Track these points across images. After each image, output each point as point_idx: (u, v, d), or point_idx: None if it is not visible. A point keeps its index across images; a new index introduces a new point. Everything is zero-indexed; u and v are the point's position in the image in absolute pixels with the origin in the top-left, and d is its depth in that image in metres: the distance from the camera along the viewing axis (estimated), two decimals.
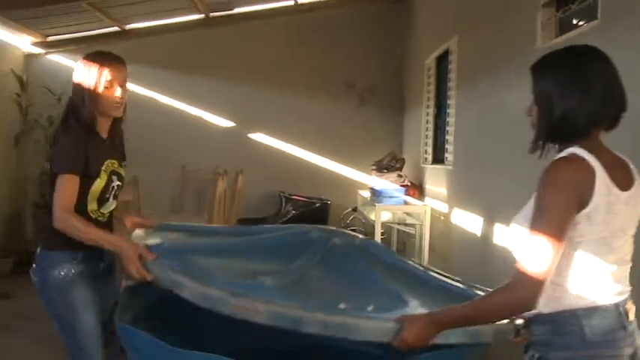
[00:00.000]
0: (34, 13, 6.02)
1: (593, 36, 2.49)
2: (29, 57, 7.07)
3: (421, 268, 2.36)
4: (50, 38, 7.07)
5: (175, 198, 6.62)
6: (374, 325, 1.63)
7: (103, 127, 2.39)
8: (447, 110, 5.09)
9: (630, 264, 1.58)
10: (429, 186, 5.72)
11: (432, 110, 5.85)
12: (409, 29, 7.10)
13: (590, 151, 1.48)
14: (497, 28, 3.78)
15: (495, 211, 3.67)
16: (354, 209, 6.75)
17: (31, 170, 6.70)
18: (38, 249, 2.39)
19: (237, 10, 7.12)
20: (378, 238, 4.74)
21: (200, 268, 1.92)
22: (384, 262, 2.24)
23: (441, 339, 1.63)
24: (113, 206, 2.45)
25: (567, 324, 1.50)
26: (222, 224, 4.54)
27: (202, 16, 7.04)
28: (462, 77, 4.67)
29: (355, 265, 2.11)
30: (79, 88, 2.29)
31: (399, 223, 5.62)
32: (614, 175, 1.48)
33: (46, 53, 7.16)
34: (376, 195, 5.33)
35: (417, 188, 5.87)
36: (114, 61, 2.33)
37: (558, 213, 1.45)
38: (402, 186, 5.61)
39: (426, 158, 5.95)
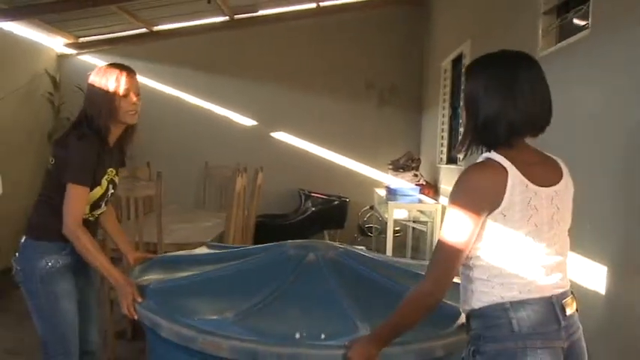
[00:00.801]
0: (67, 16, 6.28)
1: (584, 43, 2.63)
2: (62, 57, 7.36)
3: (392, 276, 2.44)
4: (82, 39, 7.34)
5: (198, 194, 6.85)
6: (324, 353, 1.80)
7: (114, 136, 2.44)
8: (460, 112, 5.23)
9: (566, 257, 1.63)
10: (443, 185, 5.85)
11: (447, 111, 5.98)
12: (427, 32, 7.23)
13: (506, 153, 1.56)
14: (504, 33, 3.90)
15: None
16: (371, 207, 6.90)
17: None
18: (23, 238, 2.41)
19: (260, 13, 7.30)
20: (389, 235, 4.88)
21: (177, 307, 2.12)
22: (355, 274, 2.37)
23: None
24: (103, 210, 2.53)
25: (496, 317, 1.56)
26: (241, 220, 4.72)
27: (227, 18, 7.23)
28: None
29: (323, 283, 2.24)
30: (95, 99, 2.33)
31: (414, 221, 5.76)
32: (533, 174, 1.55)
33: (78, 54, 7.43)
34: (391, 193, 5.47)
35: (432, 187, 6.00)
36: (128, 70, 2.40)
37: (462, 216, 1.53)
38: (417, 185, 5.74)
39: (441, 158, 6.08)
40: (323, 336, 1.89)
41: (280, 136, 7.57)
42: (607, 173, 2.40)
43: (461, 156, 1.68)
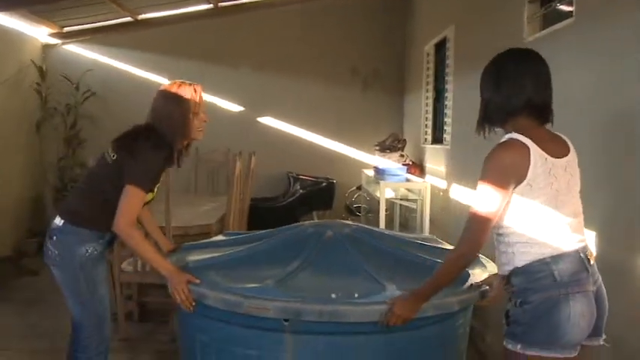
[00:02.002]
0: (52, 6, 6.29)
1: (568, 31, 2.84)
2: (46, 47, 7.37)
3: (400, 247, 2.75)
4: (66, 29, 7.36)
5: (189, 179, 6.97)
6: (359, 309, 2.05)
7: (177, 148, 2.50)
8: (445, 94, 5.43)
9: (582, 217, 1.95)
10: (429, 164, 6.07)
11: (431, 94, 6.18)
12: (411, 17, 7.41)
13: (524, 133, 1.85)
14: (489, 20, 4.10)
15: None
16: (359, 187, 7.11)
17: (51, 155, 7.09)
18: (61, 222, 2.43)
19: (244, 0, 7.40)
20: (382, 213, 5.09)
21: (217, 280, 2.34)
22: (370, 246, 2.64)
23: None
24: None
25: (539, 271, 1.84)
26: (239, 204, 4.88)
27: (211, 5, 7.31)
28: (459, 64, 5.00)
29: (345, 254, 2.50)
30: (171, 118, 2.40)
31: (401, 199, 5.97)
32: (549, 148, 1.86)
33: (63, 43, 7.46)
34: (380, 173, 5.66)
35: (417, 167, 6.22)
36: (198, 89, 2.47)
37: (493, 189, 1.82)
38: (403, 165, 5.94)
39: (425, 139, 6.29)
40: (356, 295, 2.12)
41: (268, 121, 7.73)
42: (592, 151, 2.62)
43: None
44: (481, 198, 1.85)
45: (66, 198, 2.56)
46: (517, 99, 1.89)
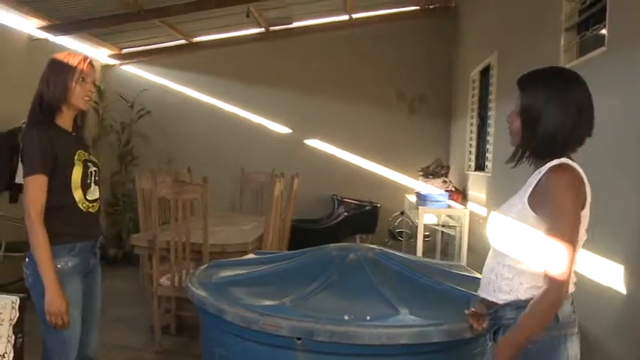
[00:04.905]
0: (113, 30, 6.64)
1: (601, 59, 2.82)
2: (105, 68, 7.73)
3: (422, 273, 2.72)
4: (125, 50, 7.70)
5: (234, 198, 7.12)
6: (369, 331, 2.06)
7: (68, 121, 2.45)
8: (488, 121, 5.40)
9: None
10: (471, 192, 6.01)
11: (475, 120, 6.14)
12: (456, 43, 7.41)
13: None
14: (528, 47, 4.07)
15: None
16: (402, 212, 7.10)
17: (104, 170, 7.35)
18: None
19: (295, 25, 7.58)
20: (420, 239, 5.09)
21: (238, 297, 2.42)
22: (392, 270, 2.67)
23: (395, 340, 2.03)
24: (97, 193, 2.52)
25: None
26: (279, 225, 4.97)
27: (263, 30, 7.53)
28: (501, 91, 4.97)
29: (365, 277, 2.54)
30: (52, 78, 2.37)
31: (443, 226, 5.95)
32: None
33: (121, 64, 7.81)
34: (421, 199, 5.66)
35: (460, 193, 6.17)
36: (87, 59, 2.44)
37: (573, 214, 1.67)
38: (446, 191, 5.92)
39: (469, 165, 6.24)
40: (368, 317, 2.15)
41: (314, 143, 7.84)
42: (623, 177, 2.58)
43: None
44: (566, 225, 1.66)
45: None
46: (585, 130, 1.75)
